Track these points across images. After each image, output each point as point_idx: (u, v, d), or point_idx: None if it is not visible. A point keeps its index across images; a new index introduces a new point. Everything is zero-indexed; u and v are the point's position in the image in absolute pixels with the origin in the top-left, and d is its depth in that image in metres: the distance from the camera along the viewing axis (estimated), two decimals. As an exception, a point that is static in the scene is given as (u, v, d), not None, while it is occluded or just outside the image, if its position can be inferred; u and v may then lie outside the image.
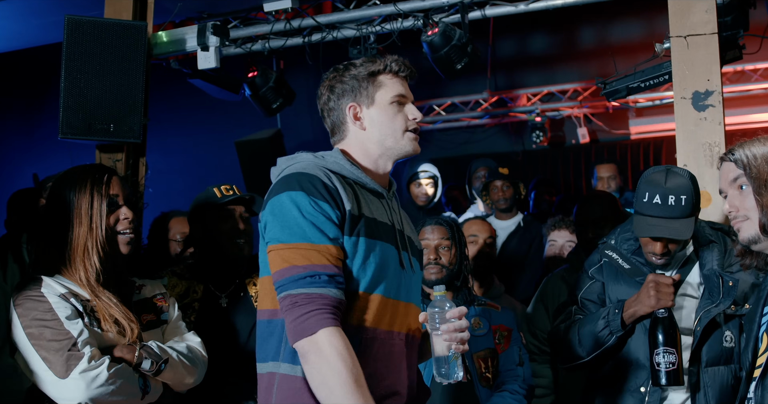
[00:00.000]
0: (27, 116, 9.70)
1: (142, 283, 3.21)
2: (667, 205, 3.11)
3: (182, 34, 5.07)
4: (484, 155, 8.40)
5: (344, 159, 2.59)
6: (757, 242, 2.53)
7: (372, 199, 2.59)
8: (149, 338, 3.01)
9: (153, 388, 2.89)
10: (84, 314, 2.84)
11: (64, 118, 4.36)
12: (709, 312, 3.13)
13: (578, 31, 9.65)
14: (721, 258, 3.24)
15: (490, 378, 3.73)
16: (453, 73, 5.68)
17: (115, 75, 4.42)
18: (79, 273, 2.91)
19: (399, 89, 2.65)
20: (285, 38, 6.25)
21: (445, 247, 3.77)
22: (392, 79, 2.66)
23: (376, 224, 2.51)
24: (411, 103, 2.68)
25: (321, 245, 2.36)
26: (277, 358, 2.44)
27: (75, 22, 4.39)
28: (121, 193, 3.03)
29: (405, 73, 2.69)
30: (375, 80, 2.64)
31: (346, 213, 2.42)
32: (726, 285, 3.16)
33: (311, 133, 9.63)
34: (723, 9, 4.37)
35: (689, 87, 4.04)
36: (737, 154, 2.56)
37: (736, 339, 3.18)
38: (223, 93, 6.24)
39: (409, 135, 2.64)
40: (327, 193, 2.40)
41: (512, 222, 6.27)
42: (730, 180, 2.58)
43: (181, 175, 9.06)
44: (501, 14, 5.72)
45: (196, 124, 9.51)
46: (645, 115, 9.39)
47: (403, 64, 2.68)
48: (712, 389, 3.13)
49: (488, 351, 3.75)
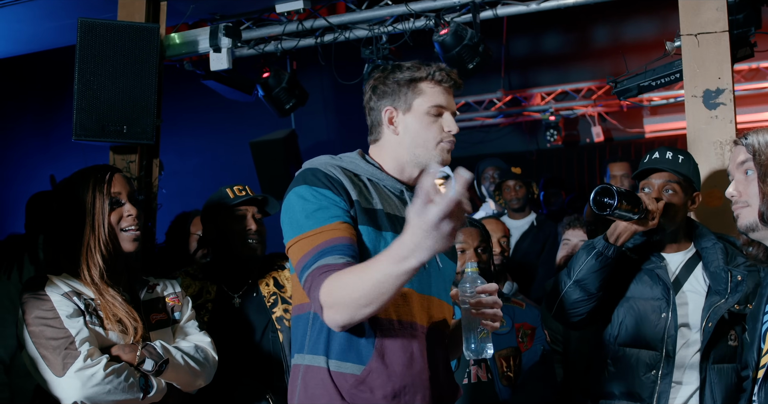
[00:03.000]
0: (43, 118, 9.77)
1: (156, 282, 3.23)
2: (665, 158, 3.30)
3: (195, 36, 5.09)
4: (498, 155, 8.40)
5: (360, 158, 2.64)
6: (754, 230, 2.52)
7: (389, 194, 2.61)
8: (157, 337, 3.02)
9: (155, 388, 2.88)
10: (86, 313, 2.85)
11: (77, 120, 4.39)
12: (718, 308, 3.14)
13: (591, 29, 9.63)
14: (726, 257, 3.26)
15: (512, 378, 3.71)
16: (465, 73, 5.68)
17: (128, 77, 4.45)
18: (84, 272, 2.94)
19: (438, 99, 2.60)
20: (297, 39, 6.28)
21: (482, 249, 3.79)
22: (434, 88, 2.61)
23: (389, 217, 2.52)
24: (450, 115, 2.62)
25: (325, 226, 2.39)
26: (303, 350, 2.49)
27: (88, 24, 4.42)
28: (124, 190, 3.06)
29: (448, 83, 2.62)
30: (416, 87, 2.60)
31: (354, 203, 2.45)
32: (735, 279, 3.18)
33: (325, 133, 9.66)
34: (734, 7, 4.36)
35: (700, 85, 4.03)
36: (750, 139, 2.55)
37: (740, 338, 3.20)
38: (236, 94, 6.27)
39: (442, 146, 2.61)
40: (329, 182, 2.45)
41: (525, 222, 6.27)
42: (737, 162, 2.57)
43: (195, 176, 9.11)
44: (512, 14, 5.73)
45: (211, 125, 9.54)
46: (659, 114, 9.36)
47: (448, 75, 2.62)
48: (718, 386, 3.14)
49: (511, 349, 3.73)
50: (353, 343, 2.42)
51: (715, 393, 3.13)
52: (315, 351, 2.45)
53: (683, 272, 3.32)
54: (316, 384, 2.44)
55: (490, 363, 3.69)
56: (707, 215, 3.90)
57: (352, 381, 2.40)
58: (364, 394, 2.39)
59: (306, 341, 2.49)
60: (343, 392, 2.40)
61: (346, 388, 2.40)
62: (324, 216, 2.40)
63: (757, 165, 2.49)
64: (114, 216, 3.01)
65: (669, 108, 9.23)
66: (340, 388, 2.41)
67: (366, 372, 2.40)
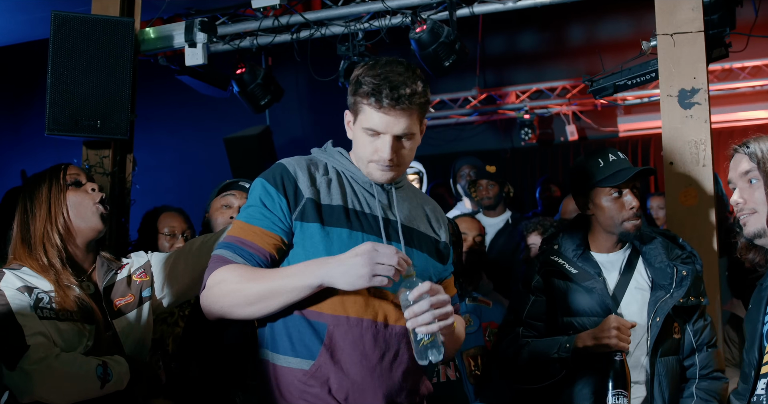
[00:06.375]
0: (14, 112, 9.67)
1: (127, 262, 3.19)
2: (620, 158, 3.32)
3: (170, 31, 5.05)
4: (472, 153, 8.41)
5: (338, 153, 2.66)
6: (762, 236, 2.55)
7: (359, 190, 2.59)
8: (120, 325, 2.98)
9: (115, 377, 2.84)
10: (39, 306, 2.81)
11: (50, 115, 4.33)
12: (665, 302, 3.18)
13: (567, 28, 9.67)
14: (667, 252, 3.30)
15: (480, 376, 3.72)
16: (441, 70, 5.69)
17: (102, 71, 4.40)
18: (41, 257, 2.91)
19: (373, 123, 2.47)
20: (273, 35, 6.26)
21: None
22: (373, 112, 2.46)
23: (348, 212, 2.51)
24: (390, 138, 2.47)
25: (251, 226, 2.48)
26: (262, 345, 2.55)
27: (62, 18, 4.37)
28: (82, 173, 3.07)
29: (399, 106, 2.43)
30: (360, 103, 2.49)
31: (301, 201, 2.48)
32: (680, 274, 3.22)
33: (300, 130, 9.64)
34: (710, 7, 4.38)
35: (675, 85, 4.05)
36: (752, 148, 2.55)
37: (681, 328, 3.26)
38: (211, 89, 6.24)
39: (373, 166, 2.54)
40: (282, 180, 2.51)
41: (500, 220, 6.28)
42: (741, 172, 2.59)
43: (169, 172, 9.06)
44: (489, 11, 5.74)
45: (185, 121, 9.50)
46: (633, 113, 9.42)
47: (397, 99, 2.42)
48: (665, 378, 3.19)
49: (478, 348, 3.74)
50: (303, 338, 2.43)
51: (663, 384, 3.17)
52: (266, 346, 2.51)
53: (625, 272, 3.33)
54: (267, 379, 2.48)
55: (458, 362, 3.69)
56: (683, 214, 3.92)
57: (299, 376, 2.41)
58: (313, 389, 2.40)
59: (263, 336, 2.54)
60: (292, 387, 2.42)
61: (294, 383, 2.42)
62: (255, 215, 2.49)
63: (762, 172, 2.52)
64: (77, 196, 2.99)
65: (642, 107, 9.28)
66: (289, 383, 2.42)
67: (315, 367, 2.41)
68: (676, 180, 3.96)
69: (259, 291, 2.35)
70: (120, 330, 2.99)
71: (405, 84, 2.43)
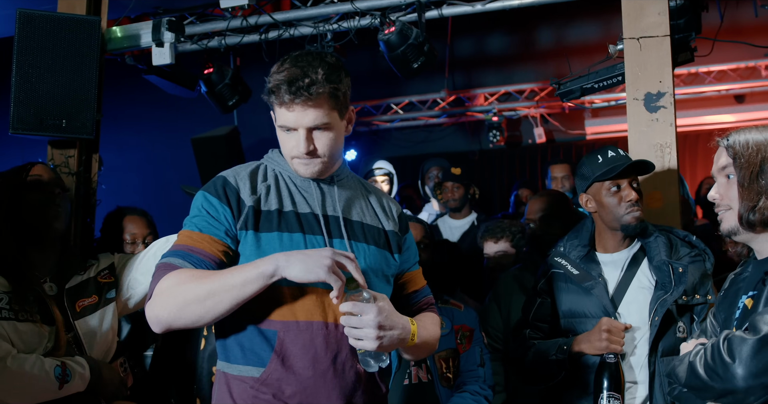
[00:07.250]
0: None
1: (93, 263, 3.17)
2: (620, 154, 3.38)
3: (137, 30, 5.02)
4: (441, 154, 8.44)
5: (278, 154, 2.66)
6: (736, 233, 2.52)
7: (296, 190, 2.58)
8: (82, 326, 2.96)
9: (74, 377, 2.82)
10: None
11: (15, 113, 4.29)
12: (664, 301, 3.18)
13: (535, 31, 9.72)
14: (668, 250, 3.31)
15: (451, 379, 3.73)
16: (410, 72, 5.69)
17: (68, 70, 4.36)
18: None
19: (282, 119, 2.47)
20: (241, 35, 6.22)
21: (423, 246, 3.78)
22: (280, 108, 2.45)
23: (284, 215, 2.49)
24: (305, 132, 2.45)
25: (196, 233, 2.45)
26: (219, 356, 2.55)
27: (27, 15, 4.33)
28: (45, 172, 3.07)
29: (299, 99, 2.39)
30: (270, 103, 2.49)
31: (243, 209, 2.46)
32: (676, 272, 3.23)
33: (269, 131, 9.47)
34: (676, 12, 4.42)
35: (641, 88, 4.08)
36: (731, 140, 2.52)
37: (688, 329, 3.24)
38: (178, 89, 6.19)
39: (296, 161, 2.53)
40: (223, 191, 2.49)
41: (466, 222, 6.31)
42: (719, 167, 2.56)
43: (136, 172, 8.99)
44: (458, 14, 5.73)
45: (152, 121, 9.43)
46: (600, 116, 9.50)
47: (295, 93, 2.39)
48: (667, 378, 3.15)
49: (450, 351, 3.74)
50: (254, 347, 2.42)
51: (664, 384, 3.13)
52: (220, 357, 2.51)
53: (628, 271, 3.35)
54: (220, 387, 2.48)
55: (429, 364, 3.69)
56: (648, 216, 3.94)
57: (251, 383, 2.40)
58: (265, 396, 2.39)
59: (219, 348, 2.53)
60: (245, 395, 2.40)
61: (247, 391, 2.40)
62: (199, 224, 2.45)
63: (737, 168, 2.48)
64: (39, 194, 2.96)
65: (609, 110, 9.37)
66: (242, 392, 2.41)
67: (266, 374, 2.39)
68: (642, 183, 3.99)
69: (211, 287, 2.27)
70: (82, 332, 2.96)
71: (304, 75, 2.39)
